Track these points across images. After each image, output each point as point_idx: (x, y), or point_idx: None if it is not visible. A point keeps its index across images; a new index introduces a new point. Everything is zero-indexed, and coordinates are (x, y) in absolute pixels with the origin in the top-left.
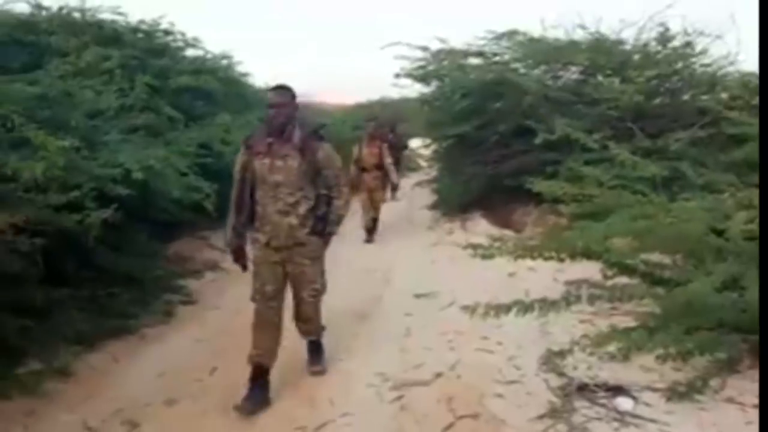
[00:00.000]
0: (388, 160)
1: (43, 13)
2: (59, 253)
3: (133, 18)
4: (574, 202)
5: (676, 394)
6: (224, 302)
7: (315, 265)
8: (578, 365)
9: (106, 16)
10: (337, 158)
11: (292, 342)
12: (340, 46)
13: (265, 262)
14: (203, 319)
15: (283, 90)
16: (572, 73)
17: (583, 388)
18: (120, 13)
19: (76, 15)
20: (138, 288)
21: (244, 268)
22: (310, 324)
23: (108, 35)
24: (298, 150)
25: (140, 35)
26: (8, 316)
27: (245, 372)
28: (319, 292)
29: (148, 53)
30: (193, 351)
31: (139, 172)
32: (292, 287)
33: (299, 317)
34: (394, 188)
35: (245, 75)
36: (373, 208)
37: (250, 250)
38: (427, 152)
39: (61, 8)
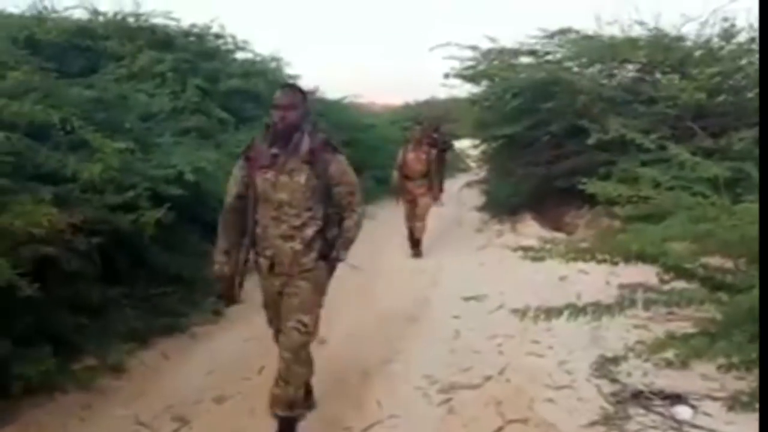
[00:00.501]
0: (435, 170)
1: (100, 18)
2: (114, 252)
3: (186, 22)
4: (630, 204)
5: (739, 403)
6: None
7: (313, 293)
8: (633, 372)
9: (158, 20)
10: (351, 173)
11: (336, 339)
12: (388, 47)
13: (269, 291)
14: (251, 319)
15: (292, 89)
16: (628, 71)
17: (638, 396)
18: (172, 18)
19: (131, 20)
20: (188, 287)
21: (230, 301)
22: (285, 386)
23: (160, 39)
24: (307, 163)
25: (192, 39)
26: (65, 313)
27: None
28: (307, 330)
29: (199, 56)
30: (242, 350)
31: (191, 173)
32: (281, 314)
33: (279, 372)
34: (436, 198)
35: (294, 77)
36: (418, 219)
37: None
38: (475, 153)
39: (116, 14)
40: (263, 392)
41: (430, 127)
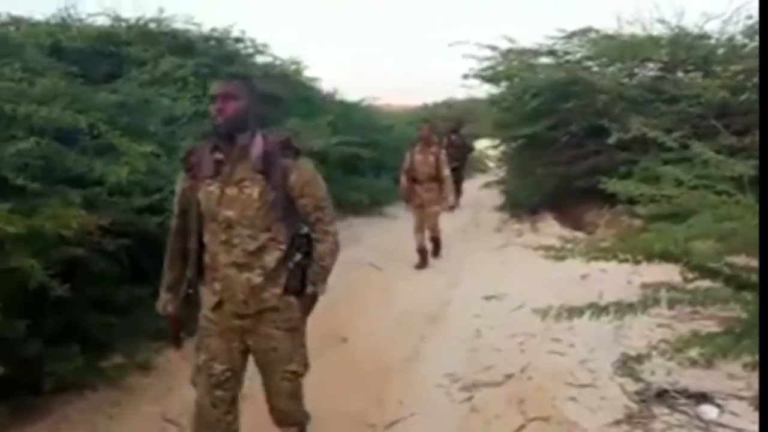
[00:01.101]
0: (446, 172)
1: (122, 24)
2: (141, 253)
3: (206, 26)
4: (652, 203)
5: None
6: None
7: (291, 338)
8: (656, 370)
9: (179, 25)
10: (319, 182)
11: (358, 338)
12: (405, 47)
13: (216, 331)
14: None
15: (234, 80)
16: (649, 70)
17: (662, 395)
18: (193, 23)
19: (152, 25)
20: None
21: (176, 344)
22: (288, 416)
23: (182, 44)
24: (260, 171)
25: (212, 43)
26: (94, 312)
27: (314, 367)
28: (298, 375)
29: (219, 60)
30: None
31: None
32: (259, 370)
33: (272, 408)
34: (452, 208)
35: (313, 80)
36: (428, 227)
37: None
38: (494, 153)
39: (138, 19)
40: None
41: (449, 128)
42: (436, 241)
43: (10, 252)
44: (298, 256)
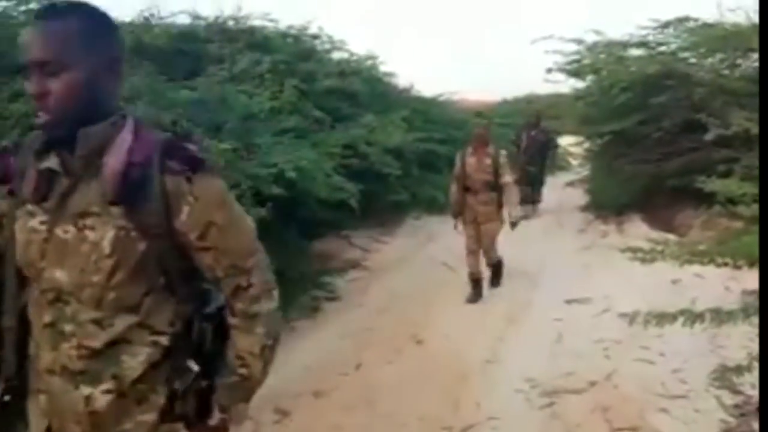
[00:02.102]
0: (507, 179)
1: (201, 23)
2: None
3: (283, 23)
4: (755, 203)
5: None
6: (367, 300)
7: None
8: (757, 383)
9: (257, 22)
10: (240, 222)
11: (433, 340)
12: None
13: None
14: (347, 316)
15: (57, 13)
16: (754, 61)
17: None
18: (270, 19)
19: (231, 23)
20: (286, 283)
21: None
22: None
23: (259, 41)
24: (113, 201)
25: (289, 40)
26: None
27: (389, 369)
28: None
29: (296, 57)
30: (339, 346)
31: (292, 172)
32: None
33: None
34: (514, 224)
35: (389, 75)
36: (483, 249)
37: None
38: (577, 150)
39: (217, 18)
40: (360, 388)
41: (527, 123)
42: (496, 267)
43: None
44: (189, 355)
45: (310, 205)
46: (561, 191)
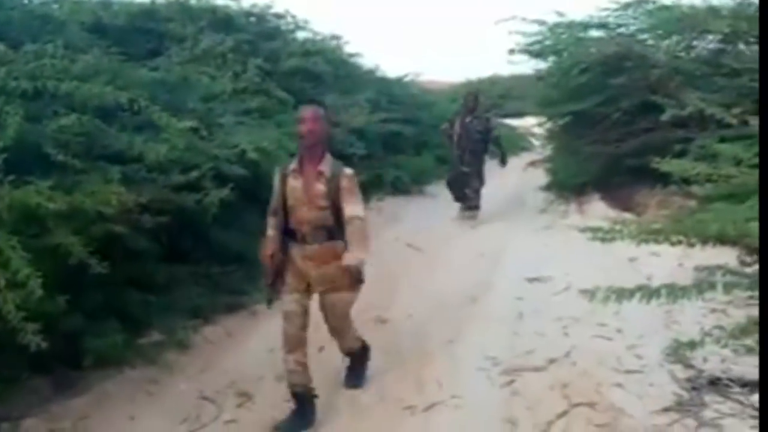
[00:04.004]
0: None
1: (163, 1)
2: (179, 231)
3: (247, 2)
4: (708, 183)
5: None
6: None
7: None
8: (709, 357)
9: (219, 1)
10: None
11: (397, 319)
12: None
13: None
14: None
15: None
16: (709, 43)
17: (715, 382)
18: None
19: (192, 1)
20: (250, 266)
21: None
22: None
23: (221, 20)
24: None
25: (252, 19)
26: (132, 290)
27: None
28: None
29: (259, 37)
30: None
31: (254, 152)
32: None
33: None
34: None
35: (354, 55)
36: (330, 330)
37: None
38: (540, 131)
39: None
40: (324, 371)
41: (466, 107)
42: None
43: (51, 228)
44: None
45: None
46: (523, 172)
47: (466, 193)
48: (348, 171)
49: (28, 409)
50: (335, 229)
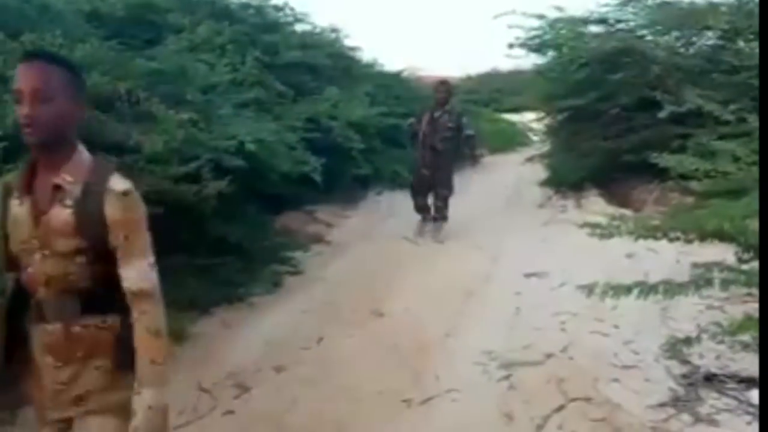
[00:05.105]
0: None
1: None
2: (176, 223)
3: None
4: (707, 179)
5: None
6: (329, 274)
7: None
8: (705, 354)
9: None
10: None
11: (394, 313)
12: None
13: None
14: (309, 290)
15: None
16: (708, 39)
17: (710, 378)
18: None
19: None
20: (248, 258)
21: None
22: None
23: (220, 11)
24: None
25: (251, 11)
26: None
27: (350, 342)
28: None
29: (258, 28)
30: (300, 321)
31: (252, 144)
32: None
33: None
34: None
35: (353, 49)
36: None
37: None
38: (539, 126)
39: None
40: (322, 362)
41: (437, 100)
42: None
43: None
44: None
45: (273, 179)
46: (521, 167)
47: (429, 203)
48: (121, 185)
49: (26, 397)
50: (101, 294)
